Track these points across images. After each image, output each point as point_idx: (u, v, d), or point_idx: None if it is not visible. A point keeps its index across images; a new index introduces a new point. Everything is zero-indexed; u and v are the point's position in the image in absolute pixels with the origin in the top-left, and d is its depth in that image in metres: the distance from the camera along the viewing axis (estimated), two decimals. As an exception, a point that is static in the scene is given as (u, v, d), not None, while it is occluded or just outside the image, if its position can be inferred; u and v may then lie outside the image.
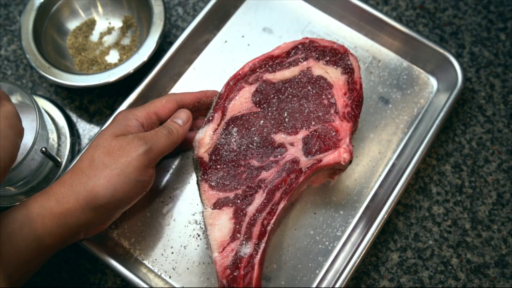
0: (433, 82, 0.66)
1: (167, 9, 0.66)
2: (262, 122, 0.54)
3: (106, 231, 0.57)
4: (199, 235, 0.57)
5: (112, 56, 0.67)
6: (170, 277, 0.56)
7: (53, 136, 0.61)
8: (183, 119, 0.54)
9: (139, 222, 0.58)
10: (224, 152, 0.53)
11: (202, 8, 0.65)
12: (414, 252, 0.59)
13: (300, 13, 0.69)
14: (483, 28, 0.71)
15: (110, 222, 0.52)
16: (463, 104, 0.67)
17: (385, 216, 0.55)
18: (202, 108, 0.58)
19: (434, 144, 0.65)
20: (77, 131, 0.64)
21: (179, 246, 0.57)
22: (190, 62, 0.66)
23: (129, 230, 0.57)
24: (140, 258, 0.56)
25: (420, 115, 0.64)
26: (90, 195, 0.46)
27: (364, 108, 0.62)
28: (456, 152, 0.64)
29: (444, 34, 0.71)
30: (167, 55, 0.62)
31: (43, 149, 0.55)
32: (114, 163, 0.47)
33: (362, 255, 0.54)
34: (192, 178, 0.60)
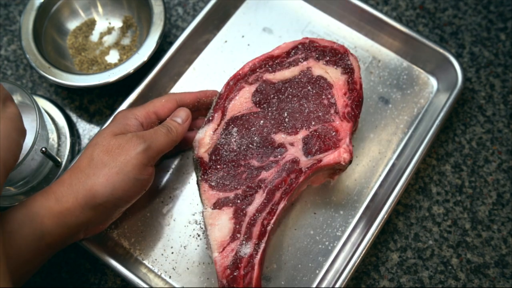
0: (433, 82, 0.66)
1: (167, 9, 0.66)
2: (262, 122, 0.54)
3: (106, 231, 0.57)
4: (199, 235, 0.57)
5: (112, 56, 0.67)
6: (170, 277, 0.56)
7: (53, 136, 0.61)
8: (182, 117, 0.54)
9: (139, 222, 0.58)
10: (224, 152, 0.53)
11: (202, 8, 0.65)
12: (414, 252, 0.59)
13: (300, 13, 0.69)
14: (483, 28, 0.71)
15: (110, 221, 0.52)
16: (463, 104, 0.67)
17: (385, 216, 0.55)
18: (202, 108, 0.58)
19: (434, 144, 0.65)
20: (77, 131, 0.64)
21: (179, 246, 0.57)
22: (190, 62, 0.66)
23: (129, 230, 0.57)
24: (140, 258, 0.56)
25: (420, 115, 0.64)
26: (89, 194, 0.46)
27: (364, 108, 0.62)
28: (456, 152, 0.64)
29: (444, 34, 0.71)
30: (167, 55, 0.62)
31: (43, 149, 0.55)
32: (113, 161, 0.47)
33: (362, 255, 0.54)
34: (192, 178, 0.60)
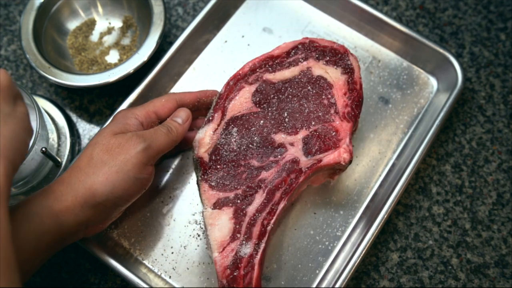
0: (433, 82, 0.66)
1: (167, 9, 0.66)
2: (262, 122, 0.54)
3: (106, 231, 0.57)
4: (199, 235, 0.57)
5: (112, 56, 0.67)
6: (170, 277, 0.56)
7: (53, 136, 0.61)
8: (182, 117, 0.54)
9: (139, 222, 0.58)
10: (224, 152, 0.53)
11: (202, 8, 0.65)
12: (414, 252, 0.59)
13: (300, 13, 0.69)
14: (483, 28, 0.71)
15: (110, 221, 0.52)
16: (463, 104, 0.67)
17: (385, 216, 0.55)
18: (202, 107, 0.58)
19: (434, 144, 0.65)
20: (77, 131, 0.64)
21: (179, 246, 0.57)
22: (190, 62, 0.66)
23: (129, 230, 0.57)
24: (140, 258, 0.56)
25: (420, 115, 0.64)
26: (88, 193, 0.46)
27: (364, 108, 0.62)
28: (456, 152, 0.64)
29: (444, 34, 0.71)
30: (167, 55, 0.62)
31: (43, 149, 0.55)
32: (112, 160, 0.47)
33: (362, 255, 0.54)
34: (192, 178, 0.60)
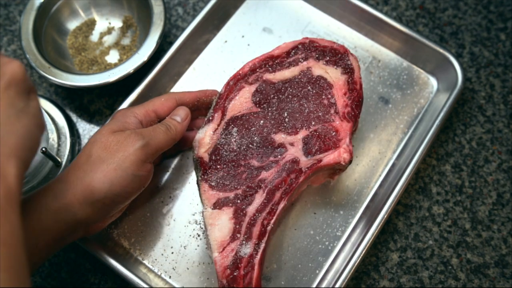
0: (433, 82, 0.66)
1: (167, 9, 0.66)
2: (262, 122, 0.54)
3: (106, 231, 0.57)
4: (199, 235, 0.57)
5: (112, 56, 0.67)
6: (170, 277, 0.56)
7: (53, 136, 0.61)
8: (181, 116, 0.54)
9: (139, 222, 0.58)
10: (224, 152, 0.53)
11: (202, 8, 0.65)
12: (414, 252, 0.59)
13: (300, 13, 0.69)
14: (483, 28, 0.71)
15: (109, 220, 0.52)
16: (463, 104, 0.67)
17: (385, 216, 0.55)
18: (201, 107, 0.58)
19: (434, 144, 0.65)
20: (77, 131, 0.64)
21: (179, 246, 0.57)
22: (190, 62, 0.66)
23: (129, 230, 0.57)
24: (140, 258, 0.56)
25: (420, 115, 0.64)
26: (87, 190, 0.46)
27: (364, 108, 0.62)
28: (456, 152, 0.64)
29: (444, 34, 0.71)
30: (167, 55, 0.62)
31: (43, 149, 0.55)
32: (111, 157, 0.47)
33: (362, 255, 0.54)
34: (192, 178, 0.60)
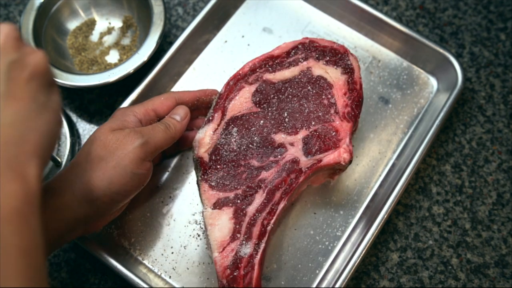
0: (433, 82, 0.66)
1: (167, 9, 0.66)
2: (262, 122, 0.54)
3: (106, 231, 0.57)
4: (199, 235, 0.57)
5: (112, 56, 0.67)
6: (170, 277, 0.56)
7: (53, 136, 0.61)
8: (180, 115, 0.54)
9: (139, 222, 0.58)
10: (224, 152, 0.53)
11: (202, 8, 0.65)
12: (414, 252, 0.59)
13: (300, 13, 0.69)
14: (483, 28, 0.71)
15: (109, 218, 0.51)
16: (463, 104, 0.67)
17: (385, 216, 0.55)
18: (201, 106, 0.58)
19: (434, 144, 0.65)
20: (77, 131, 0.64)
21: (179, 246, 0.57)
22: (190, 62, 0.66)
23: (129, 230, 0.57)
24: (140, 258, 0.56)
25: (420, 115, 0.64)
26: (86, 188, 0.46)
27: (364, 108, 0.62)
28: (456, 152, 0.64)
29: (444, 34, 0.71)
30: (167, 55, 0.62)
31: (43, 149, 0.55)
32: (110, 155, 0.47)
33: (362, 255, 0.54)
34: (192, 178, 0.60)
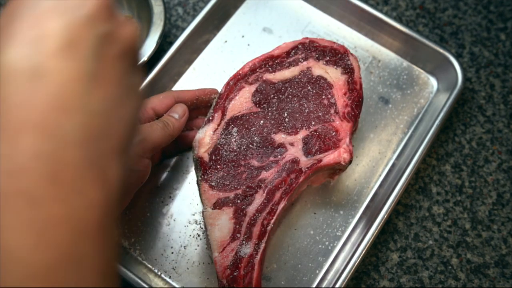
0: (433, 82, 0.66)
1: (167, 9, 0.66)
2: (262, 122, 0.54)
3: (106, 231, 0.57)
4: (199, 235, 0.57)
5: (112, 56, 0.67)
6: (170, 277, 0.56)
7: (53, 136, 0.61)
8: (179, 113, 0.54)
9: (139, 222, 0.58)
10: (224, 152, 0.53)
11: (202, 8, 0.65)
12: (414, 252, 0.59)
13: (300, 13, 0.69)
14: (483, 28, 0.71)
15: None
16: (463, 104, 0.67)
17: (385, 216, 0.55)
18: (200, 105, 0.58)
19: (434, 144, 0.65)
20: (77, 131, 0.64)
21: (179, 246, 0.57)
22: (190, 62, 0.66)
23: (129, 230, 0.57)
24: (140, 258, 0.56)
25: (420, 115, 0.64)
26: None
27: (364, 108, 0.62)
28: (456, 152, 0.64)
29: (444, 34, 0.71)
30: (167, 55, 0.62)
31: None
32: None
33: (362, 255, 0.54)
34: (192, 178, 0.60)
